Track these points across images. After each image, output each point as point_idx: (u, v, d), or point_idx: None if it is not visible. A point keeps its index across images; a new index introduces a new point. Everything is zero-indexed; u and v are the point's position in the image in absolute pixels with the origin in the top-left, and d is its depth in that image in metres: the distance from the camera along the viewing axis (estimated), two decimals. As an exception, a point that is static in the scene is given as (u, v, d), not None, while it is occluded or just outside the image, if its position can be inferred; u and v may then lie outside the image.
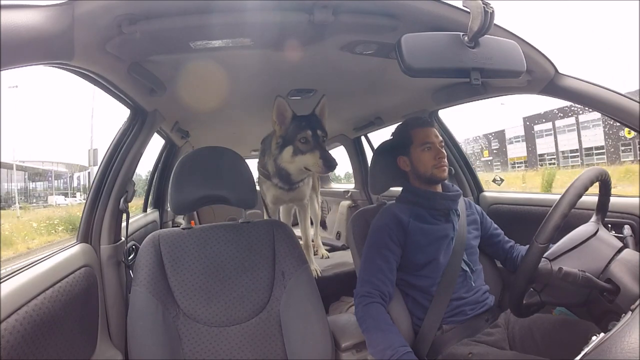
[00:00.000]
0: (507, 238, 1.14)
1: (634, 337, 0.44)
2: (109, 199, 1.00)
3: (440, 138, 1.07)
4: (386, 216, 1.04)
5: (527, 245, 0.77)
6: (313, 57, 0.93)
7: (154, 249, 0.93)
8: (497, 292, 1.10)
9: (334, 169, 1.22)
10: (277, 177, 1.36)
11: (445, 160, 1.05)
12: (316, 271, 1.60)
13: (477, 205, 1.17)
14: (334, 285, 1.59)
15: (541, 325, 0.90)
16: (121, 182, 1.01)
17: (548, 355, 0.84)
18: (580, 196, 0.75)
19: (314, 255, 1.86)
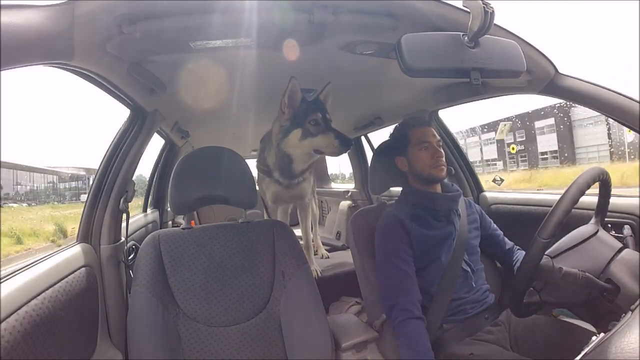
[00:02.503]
0: (507, 240, 1.13)
1: (634, 337, 0.44)
2: (109, 199, 1.00)
3: (438, 137, 1.07)
4: (390, 220, 1.03)
5: (526, 251, 0.77)
6: (313, 57, 0.93)
7: (154, 249, 0.93)
8: (497, 291, 1.10)
9: (350, 148, 1.21)
10: (277, 170, 1.33)
11: (443, 159, 1.04)
12: (316, 271, 1.60)
13: (476, 205, 1.17)
14: (334, 285, 1.59)
15: (544, 329, 0.90)
16: (121, 182, 1.01)
17: (549, 357, 0.84)
18: (582, 192, 0.75)
19: (314, 255, 1.86)
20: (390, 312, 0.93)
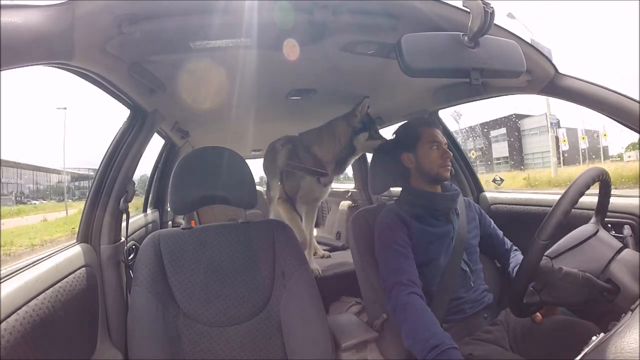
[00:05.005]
0: (506, 240, 1.13)
1: (634, 337, 0.44)
2: (109, 199, 1.00)
3: (446, 140, 1.07)
4: (391, 215, 1.03)
5: (525, 252, 0.77)
6: (313, 57, 0.93)
7: (154, 249, 0.93)
8: (497, 291, 1.10)
9: None
10: (333, 163, 1.54)
11: (450, 161, 1.05)
12: (317, 270, 1.60)
13: (475, 204, 1.17)
14: (334, 285, 1.59)
15: (542, 326, 0.90)
16: (121, 182, 1.01)
17: (548, 356, 0.84)
18: (582, 194, 0.75)
19: (314, 255, 1.87)
20: (392, 291, 0.91)
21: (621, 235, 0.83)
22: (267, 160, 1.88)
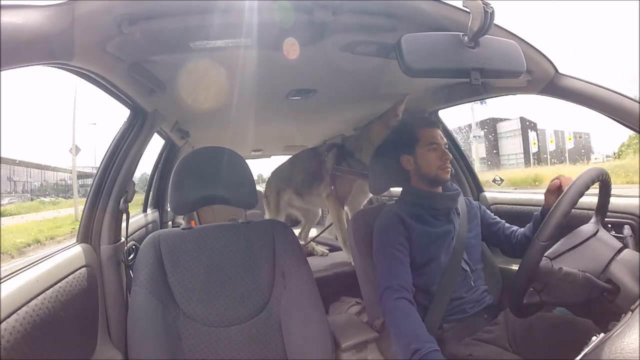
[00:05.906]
0: (507, 225, 1.12)
1: (634, 337, 0.44)
2: (109, 199, 1.00)
3: (445, 140, 1.07)
4: (390, 216, 1.04)
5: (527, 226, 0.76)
6: (313, 57, 0.93)
7: (153, 249, 0.93)
8: (497, 291, 1.10)
9: None
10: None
11: (449, 162, 1.05)
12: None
13: (476, 202, 1.17)
14: (334, 285, 1.59)
15: (541, 325, 0.90)
16: (121, 183, 1.01)
17: (548, 355, 0.84)
18: (581, 194, 0.75)
19: (314, 254, 1.88)
20: (382, 295, 0.92)
21: (621, 235, 0.83)
22: (301, 163, 1.86)
